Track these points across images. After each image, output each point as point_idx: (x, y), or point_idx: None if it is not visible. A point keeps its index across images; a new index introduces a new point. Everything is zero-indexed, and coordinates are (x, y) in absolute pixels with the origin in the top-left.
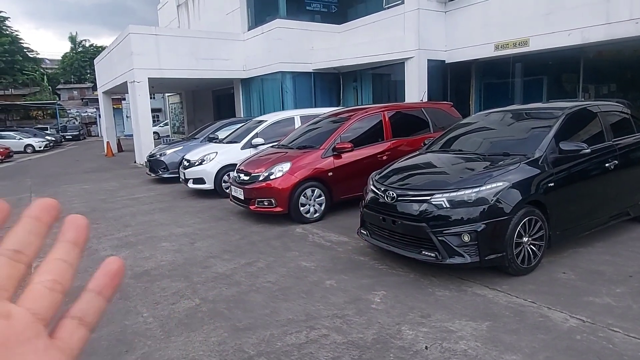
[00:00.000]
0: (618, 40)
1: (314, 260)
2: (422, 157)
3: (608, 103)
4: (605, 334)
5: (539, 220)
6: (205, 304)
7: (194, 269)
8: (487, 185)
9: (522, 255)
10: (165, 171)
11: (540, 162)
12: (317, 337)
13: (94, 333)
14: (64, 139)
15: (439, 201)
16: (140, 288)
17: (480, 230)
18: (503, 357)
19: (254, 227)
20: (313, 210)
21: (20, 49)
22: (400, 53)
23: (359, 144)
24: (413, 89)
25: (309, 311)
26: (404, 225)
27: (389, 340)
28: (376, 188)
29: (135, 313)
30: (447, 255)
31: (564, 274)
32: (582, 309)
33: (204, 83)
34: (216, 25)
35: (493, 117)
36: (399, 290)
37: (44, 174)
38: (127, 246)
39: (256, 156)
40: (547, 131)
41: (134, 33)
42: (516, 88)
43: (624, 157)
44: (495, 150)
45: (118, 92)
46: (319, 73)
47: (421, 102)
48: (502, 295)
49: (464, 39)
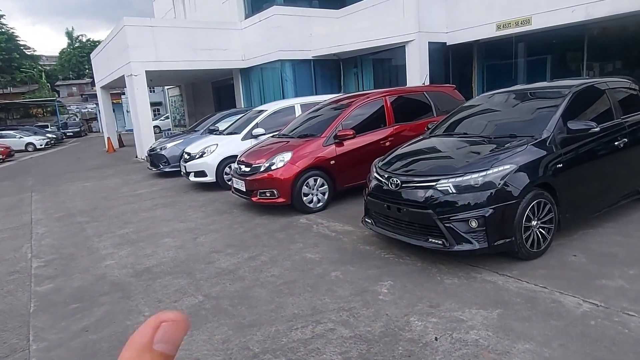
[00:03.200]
0: (623, 15)
1: (319, 252)
2: (426, 142)
3: (616, 79)
4: (620, 319)
5: (548, 202)
6: (208, 301)
7: (197, 265)
8: (494, 169)
9: (531, 239)
10: (166, 165)
11: (548, 143)
12: (323, 332)
13: (95, 335)
14: (65, 136)
15: (444, 187)
16: (142, 286)
17: (488, 215)
18: (515, 346)
19: (257, 220)
20: (316, 199)
21: (16, 46)
22: (400, 36)
23: (361, 131)
24: (414, 73)
25: (314, 305)
26: (409, 213)
27: (398, 333)
28: (379, 175)
29: (136, 312)
30: (454, 243)
31: (575, 257)
32: (595, 293)
33: (203, 75)
34: (212, 15)
35: (497, 98)
36: (407, 280)
37: (45, 173)
38: (128, 244)
39: (257, 147)
40: (554, 111)
41: (129, 25)
42: (519, 68)
43: (633, 135)
44: (501, 132)
45: (116, 87)
46: (318, 60)
47: (423, 85)
48: (512, 281)
49: (465, 20)
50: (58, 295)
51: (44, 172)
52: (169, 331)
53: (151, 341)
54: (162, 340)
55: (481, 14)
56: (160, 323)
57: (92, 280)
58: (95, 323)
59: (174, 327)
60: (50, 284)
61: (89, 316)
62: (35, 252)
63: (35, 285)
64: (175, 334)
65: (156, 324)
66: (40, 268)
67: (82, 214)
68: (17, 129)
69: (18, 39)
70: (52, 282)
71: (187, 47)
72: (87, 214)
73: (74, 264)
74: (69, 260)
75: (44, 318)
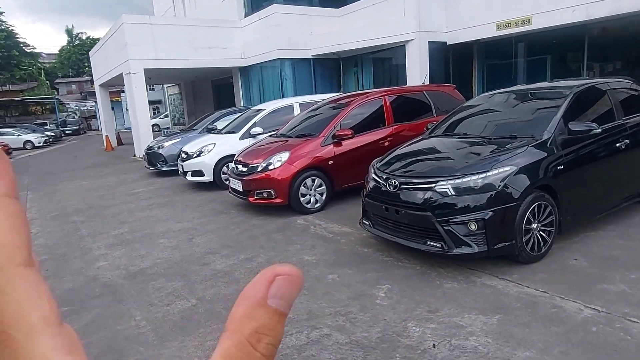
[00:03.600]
0: (624, 16)
1: (316, 254)
2: (426, 142)
3: (617, 80)
4: (622, 325)
5: (549, 205)
6: (202, 304)
7: (192, 266)
8: (494, 171)
9: (531, 242)
10: (163, 164)
11: (548, 144)
12: (318, 338)
13: (83, 340)
14: (64, 133)
15: (443, 188)
16: (135, 289)
17: (488, 218)
18: (516, 354)
19: (254, 220)
20: (314, 200)
21: (16, 43)
22: (400, 36)
23: (360, 131)
24: (414, 72)
25: (310, 309)
26: (407, 215)
27: (395, 339)
28: (378, 176)
29: (128, 317)
30: (453, 246)
31: (576, 260)
32: (596, 298)
33: (202, 73)
34: (212, 13)
35: (497, 98)
36: (405, 284)
37: (43, 171)
38: (123, 244)
39: (254, 146)
40: (554, 112)
41: (127, 23)
42: (519, 68)
43: (635, 136)
44: (501, 133)
45: (115, 85)
46: (318, 59)
47: (423, 85)
48: (512, 285)
49: (465, 19)
50: None
51: (41, 171)
52: (283, 286)
53: (265, 296)
54: (277, 295)
55: (481, 13)
56: (274, 277)
57: (83, 282)
58: (84, 328)
59: (288, 282)
60: None
61: (78, 320)
62: None
63: None
64: (290, 289)
65: (271, 278)
66: None
67: (77, 213)
68: (15, 127)
69: (17, 36)
70: None
71: (186, 45)
72: (82, 213)
73: (66, 265)
74: (61, 261)
75: None
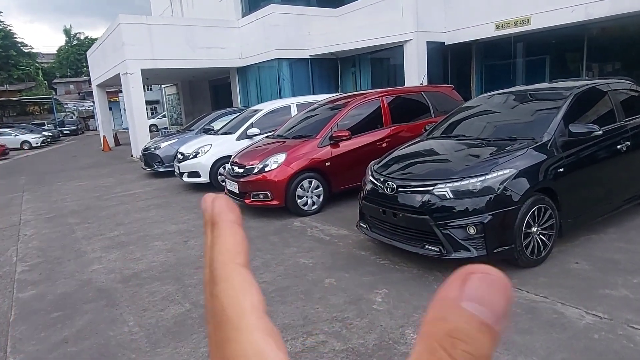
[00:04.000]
0: (623, 15)
1: (313, 257)
2: (424, 144)
3: (617, 81)
4: (625, 332)
5: (549, 208)
6: (196, 309)
7: (187, 270)
8: (493, 173)
9: (531, 246)
10: (160, 165)
11: (548, 146)
12: (314, 345)
13: (75, 347)
14: (62, 134)
15: (442, 191)
16: (128, 293)
17: (487, 221)
18: None
19: (251, 222)
20: (311, 202)
21: (13, 43)
22: (398, 36)
23: (357, 132)
24: (412, 73)
25: (306, 314)
26: (405, 218)
27: (392, 346)
28: (375, 179)
29: (120, 322)
30: (452, 250)
31: (577, 264)
32: (598, 304)
33: (200, 73)
34: (210, 13)
35: (497, 99)
36: (403, 288)
37: (39, 171)
38: (118, 247)
39: (251, 147)
40: (555, 113)
41: (124, 23)
42: (518, 69)
43: (636, 138)
44: (501, 134)
45: (113, 85)
46: (316, 59)
47: (421, 85)
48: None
49: (464, 19)
50: (40, 303)
51: (37, 171)
52: (480, 287)
53: (458, 296)
54: (473, 298)
55: (480, 13)
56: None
57: (76, 286)
58: (76, 334)
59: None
60: (33, 290)
61: (70, 326)
62: (21, 255)
63: (17, 292)
64: (490, 292)
65: (464, 276)
66: (24, 273)
67: (73, 214)
68: (13, 127)
69: (15, 36)
70: (35, 289)
71: (183, 45)
72: (78, 215)
73: (59, 268)
74: (55, 264)
75: (24, 328)
